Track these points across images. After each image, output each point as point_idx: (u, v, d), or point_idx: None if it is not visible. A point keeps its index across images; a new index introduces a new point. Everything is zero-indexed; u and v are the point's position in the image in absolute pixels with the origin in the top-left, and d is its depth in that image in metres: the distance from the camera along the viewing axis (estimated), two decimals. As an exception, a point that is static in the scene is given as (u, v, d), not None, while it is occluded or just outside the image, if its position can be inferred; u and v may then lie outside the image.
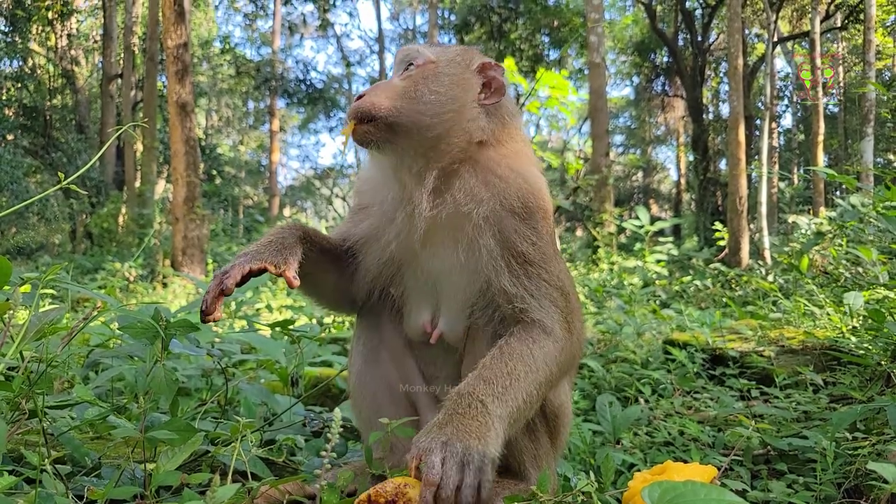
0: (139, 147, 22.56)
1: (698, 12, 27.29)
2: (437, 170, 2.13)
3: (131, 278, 13.67)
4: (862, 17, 16.78)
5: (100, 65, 28.51)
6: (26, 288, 2.16)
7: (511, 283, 2.07)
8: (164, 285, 13.98)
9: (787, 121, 33.93)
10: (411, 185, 2.16)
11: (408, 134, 2.11)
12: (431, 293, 2.30)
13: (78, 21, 28.11)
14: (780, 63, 30.80)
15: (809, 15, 18.92)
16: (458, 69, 2.21)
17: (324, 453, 1.74)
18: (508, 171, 2.16)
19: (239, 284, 2.02)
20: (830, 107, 28.17)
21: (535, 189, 2.16)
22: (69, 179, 2.25)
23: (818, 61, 14.82)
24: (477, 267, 2.13)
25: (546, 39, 31.95)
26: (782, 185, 23.22)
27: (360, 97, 2.14)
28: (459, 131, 2.14)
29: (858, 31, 20.06)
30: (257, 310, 9.51)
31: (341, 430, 2.02)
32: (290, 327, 2.93)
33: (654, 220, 15.58)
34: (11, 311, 1.91)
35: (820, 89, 15.43)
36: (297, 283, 2.04)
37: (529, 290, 2.08)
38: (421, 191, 2.12)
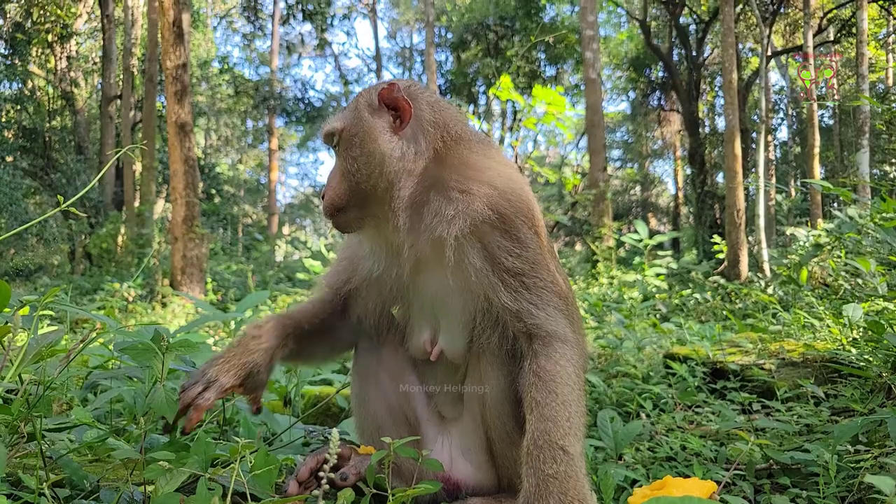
0: (138, 167, 22.62)
1: (692, 28, 27.48)
2: (404, 209, 2.11)
3: (130, 298, 13.64)
4: (854, 30, 16.91)
5: (99, 86, 28.64)
6: (25, 310, 2.16)
7: (511, 299, 2.04)
8: (164, 305, 13.95)
9: (783, 133, 34.05)
10: (391, 233, 2.15)
11: (365, 205, 2.15)
12: (430, 315, 2.30)
13: (77, 43, 28.26)
14: (774, 77, 31.03)
15: (802, 29, 19.05)
16: (362, 119, 2.15)
17: (322, 473, 1.74)
18: (471, 182, 2.08)
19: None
20: (826, 119, 28.31)
21: (506, 193, 2.09)
22: (69, 201, 2.26)
23: (812, 72, 14.91)
24: (469, 287, 2.11)
25: (542, 56, 32.15)
26: (780, 197, 23.28)
27: (323, 195, 2.22)
28: (398, 174, 2.10)
29: (851, 44, 20.19)
30: (257, 329, 9.48)
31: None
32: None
33: (652, 233, 15.59)
34: (11, 335, 1.91)
35: (815, 104, 15.50)
36: (257, 412, 2.20)
37: (532, 301, 2.05)
38: (398, 233, 2.12)
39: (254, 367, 2.12)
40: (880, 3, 20.09)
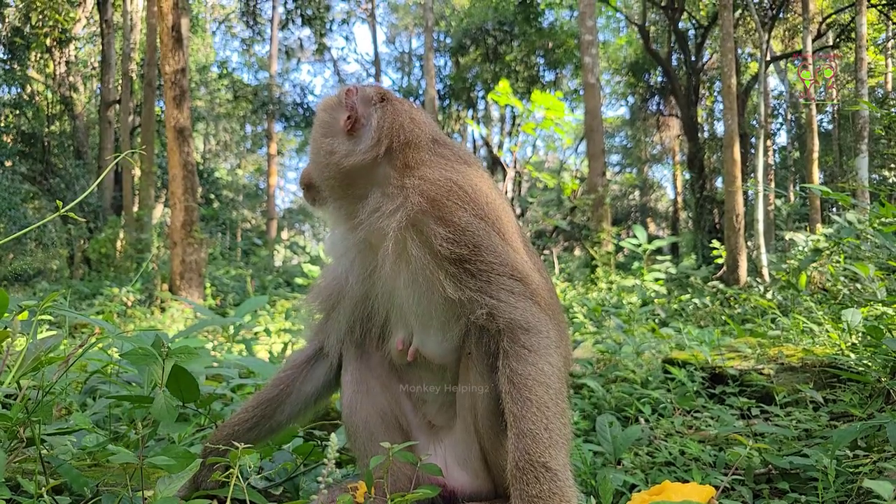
0: (137, 172, 22.62)
1: (691, 33, 27.55)
2: (349, 201, 2.27)
3: (129, 303, 13.63)
4: (853, 35, 16.95)
5: (98, 91, 28.68)
6: (24, 315, 2.16)
7: (454, 288, 2.03)
8: (163, 310, 13.94)
9: (782, 138, 34.12)
10: (345, 222, 2.32)
11: (324, 188, 2.35)
12: (398, 315, 2.32)
13: (76, 48, 28.29)
14: (773, 81, 31.09)
15: (801, 34, 19.11)
16: (327, 113, 2.36)
17: (321, 479, 1.74)
18: (407, 178, 2.16)
19: None
20: (825, 124, 28.36)
21: (439, 182, 2.12)
22: (68, 206, 2.26)
23: (812, 74, 14.93)
24: (417, 279, 2.13)
25: (541, 61, 32.20)
26: (779, 202, 23.31)
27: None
28: (342, 168, 2.26)
29: (850, 49, 20.23)
30: (255, 334, 9.49)
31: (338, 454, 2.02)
32: (290, 349, 2.94)
33: (651, 238, 15.61)
34: (10, 340, 1.91)
35: (814, 109, 15.54)
36: None
37: (479, 287, 2.02)
38: (351, 223, 2.26)
39: None
40: (879, 7, 20.14)
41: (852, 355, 4.02)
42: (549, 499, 1.81)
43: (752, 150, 24.37)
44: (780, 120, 32.66)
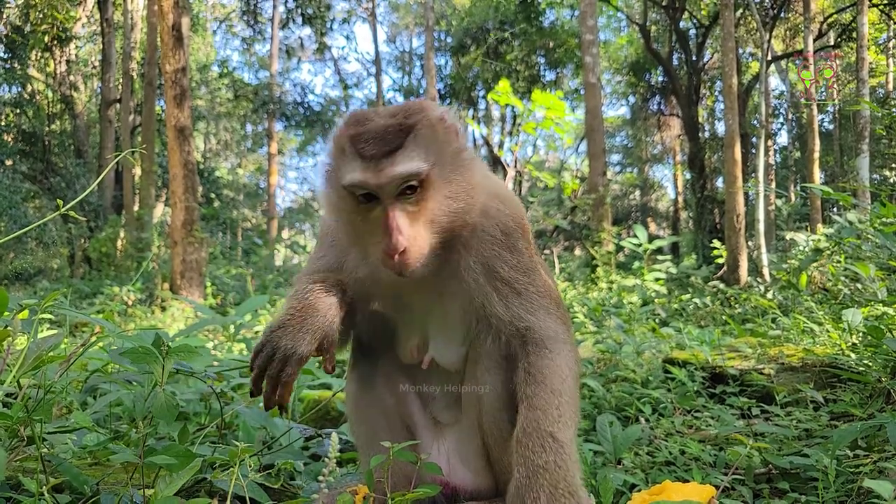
0: (138, 171, 22.63)
1: (692, 32, 27.53)
2: None
3: (130, 302, 13.64)
4: (855, 35, 16.94)
5: (98, 90, 28.67)
6: (24, 314, 2.17)
7: (504, 308, 2.07)
8: (163, 309, 13.94)
9: (783, 138, 34.10)
10: None
11: (444, 245, 2.09)
12: (420, 323, 2.30)
13: (77, 47, 28.28)
14: (774, 81, 31.07)
15: (803, 34, 19.10)
16: (459, 151, 2.13)
17: (321, 478, 1.74)
18: (476, 197, 2.06)
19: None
20: (826, 124, 28.35)
21: (506, 206, 2.15)
22: (69, 205, 2.26)
23: (813, 73, 14.93)
24: (465, 294, 2.12)
25: (542, 60, 32.18)
26: (779, 202, 23.31)
27: (396, 252, 1.94)
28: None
29: (852, 48, 20.22)
30: (256, 333, 9.49)
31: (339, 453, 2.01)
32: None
33: (652, 238, 15.60)
34: (11, 339, 1.91)
35: (815, 108, 15.53)
36: (332, 370, 2.06)
37: (525, 307, 2.09)
38: None
39: (327, 327, 1.98)
40: (881, 7, 20.14)
41: (853, 355, 4.02)
42: (555, 471, 1.81)
43: (753, 150, 24.36)
44: (781, 120, 32.65)
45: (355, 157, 1.91)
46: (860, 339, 4.30)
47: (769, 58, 20.00)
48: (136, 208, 22.25)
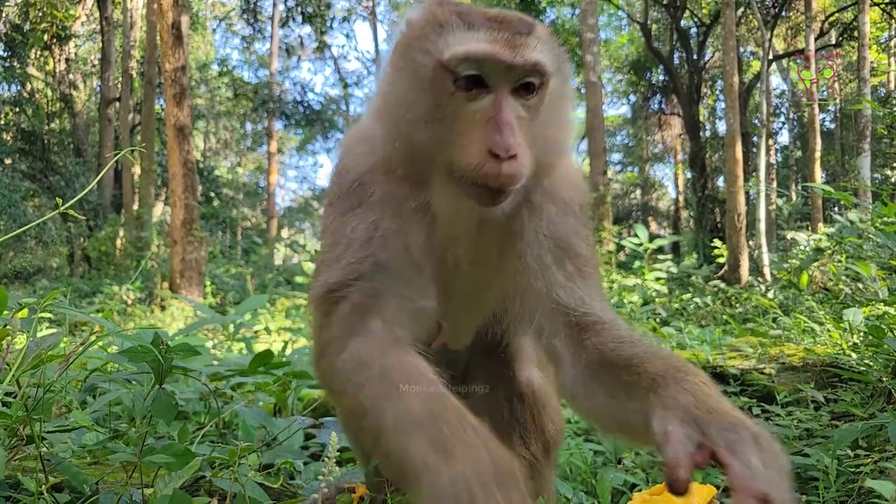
0: (137, 170, 22.64)
1: (693, 31, 27.52)
2: None
3: (129, 301, 13.64)
4: (856, 34, 16.94)
5: (98, 89, 28.67)
6: (24, 313, 2.16)
7: (567, 292, 1.73)
8: (163, 308, 13.95)
9: (784, 137, 34.13)
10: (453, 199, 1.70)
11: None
12: (455, 293, 1.94)
13: (76, 45, 28.28)
14: (775, 80, 31.06)
15: (804, 32, 19.08)
16: (568, 77, 1.86)
17: (321, 477, 1.73)
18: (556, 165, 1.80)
19: None
20: (827, 123, 28.35)
21: (582, 178, 1.91)
22: (68, 204, 2.25)
23: (813, 73, 14.94)
24: (519, 270, 1.77)
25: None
26: (780, 201, 23.29)
27: (506, 155, 1.52)
28: None
29: (853, 48, 20.22)
30: (255, 332, 9.49)
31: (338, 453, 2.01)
32: (290, 348, 2.93)
33: (652, 237, 15.58)
34: (10, 338, 1.90)
35: (816, 107, 15.52)
36: None
37: (590, 294, 1.76)
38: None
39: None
40: (882, 6, 20.13)
41: (854, 355, 4.01)
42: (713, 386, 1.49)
43: (754, 149, 24.34)
44: (783, 119, 32.67)
45: (473, 28, 1.55)
46: (861, 338, 4.29)
47: (770, 57, 19.99)
48: (135, 207, 22.26)
